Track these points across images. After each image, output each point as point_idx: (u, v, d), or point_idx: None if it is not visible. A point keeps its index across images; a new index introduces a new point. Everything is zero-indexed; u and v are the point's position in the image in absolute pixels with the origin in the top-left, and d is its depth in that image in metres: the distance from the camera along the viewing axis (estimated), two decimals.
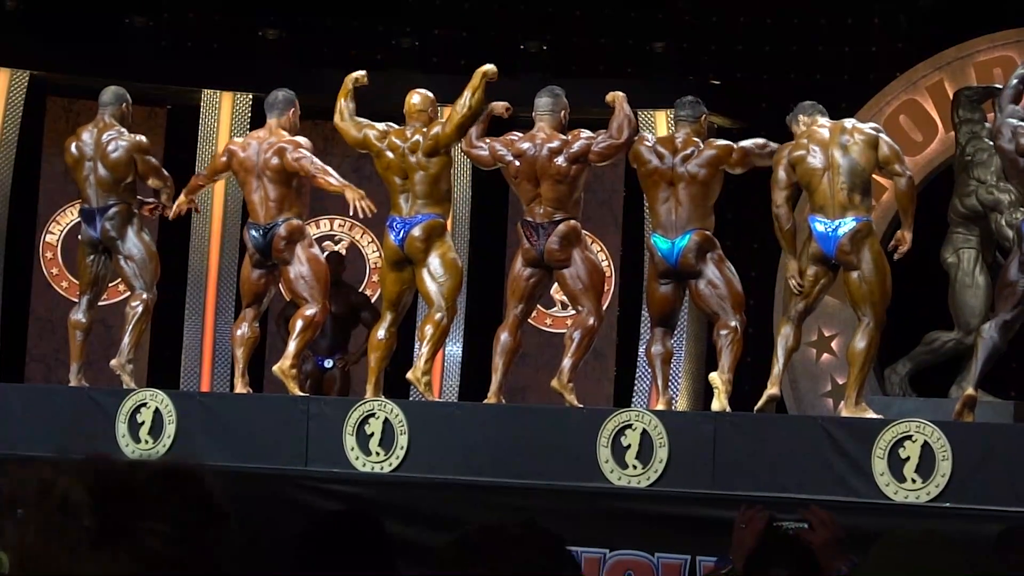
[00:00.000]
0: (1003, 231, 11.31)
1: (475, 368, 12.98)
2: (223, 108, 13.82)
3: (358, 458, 8.98)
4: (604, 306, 10.20)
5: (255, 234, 9.91)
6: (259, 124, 10.57)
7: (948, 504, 7.85)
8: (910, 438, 8.02)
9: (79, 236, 10.55)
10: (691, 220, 9.23)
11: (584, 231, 9.60)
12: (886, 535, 2.54)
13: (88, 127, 10.30)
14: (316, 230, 13.65)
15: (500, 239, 13.78)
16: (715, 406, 9.03)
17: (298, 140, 9.90)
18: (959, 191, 11.66)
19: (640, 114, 9.58)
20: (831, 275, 9.14)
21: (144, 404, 9.50)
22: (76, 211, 12.16)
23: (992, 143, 9.82)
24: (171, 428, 9.42)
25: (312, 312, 9.82)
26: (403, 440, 8.93)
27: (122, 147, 10.14)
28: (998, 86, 10.38)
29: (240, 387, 9.96)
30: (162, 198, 10.31)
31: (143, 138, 10.37)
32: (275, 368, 9.80)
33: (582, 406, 9.26)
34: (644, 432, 8.46)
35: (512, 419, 9.18)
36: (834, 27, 14.23)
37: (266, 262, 9.97)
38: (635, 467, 8.44)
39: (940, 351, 11.78)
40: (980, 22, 13.22)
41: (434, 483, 8.68)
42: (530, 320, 11.26)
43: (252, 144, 9.99)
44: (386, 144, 9.64)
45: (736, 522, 4.11)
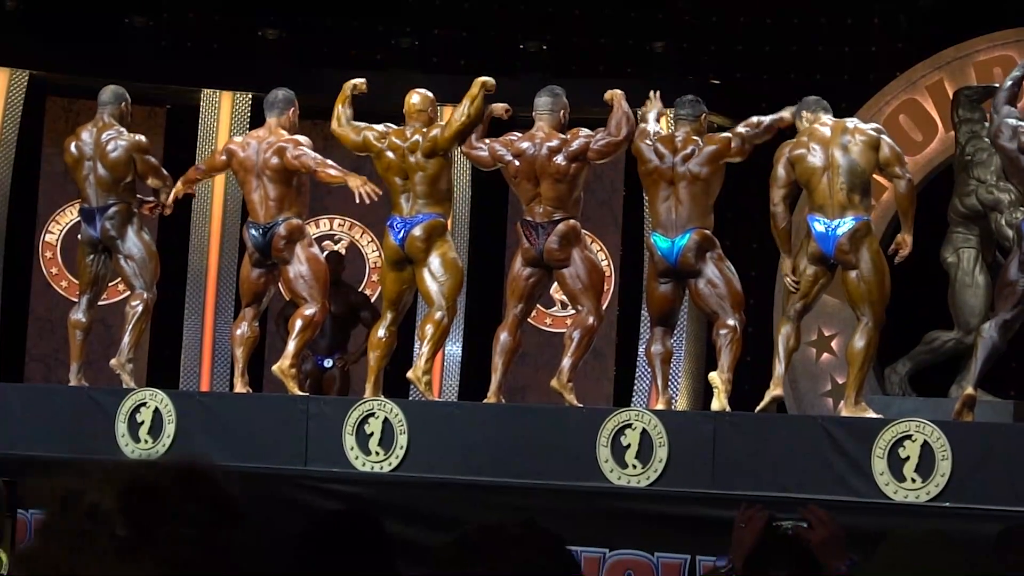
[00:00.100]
0: (1003, 231, 11.32)
1: (475, 368, 12.97)
2: (223, 108, 13.81)
3: (357, 458, 8.98)
4: (604, 306, 10.20)
5: (255, 233, 9.91)
6: (259, 124, 10.56)
7: (948, 504, 7.85)
8: (910, 438, 8.02)
9: (79, 236, 10.55)
10: (691, 219, 9.22)
11: (584, 231, 9.59)
12: (891, 535, 2.54)
13: (87, 127, 10.30)
14: (316, 230, 13.64)
15: (500, 239, 13.77)
16: (715, 406, 9.02)
17: (298, 139, 9.91)
18: (959, 191, 11.67)
19: (640, 113, 9.56)
20: (830, 275, 9.14)
21: (144, 404, 9.50)
22: (76, 211, 12.15)
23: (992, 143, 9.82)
24: (171, 428, 9.41)
25: (311, 312, 9.82)
26: (403, 440, 8.93)
27: (121, 147, 10.14)
28: (998, 85, 10.38)
29: (240, 387, 9.96)
30: (162, 197, 10.31)
31: (142, 138, 10.36)
32: (275, 368, 9.80)
33: (582, 406, 9.26)
34: (644, 432, 8.46)
35: (512, 419, 9.17)
36: (834, 27, 14.22)
37: (266, 261, 9.97)
38: (635, 467, 8.44)
39: (940, 351, 11.78)
40: (980, 22, 13.21)
41: (434, 483, 8.67)
42: (530, 320, 11.25)
43: (252, 144, 9.99)
44: (386, 144, 9.65)
45: (735, 521, 4.11)
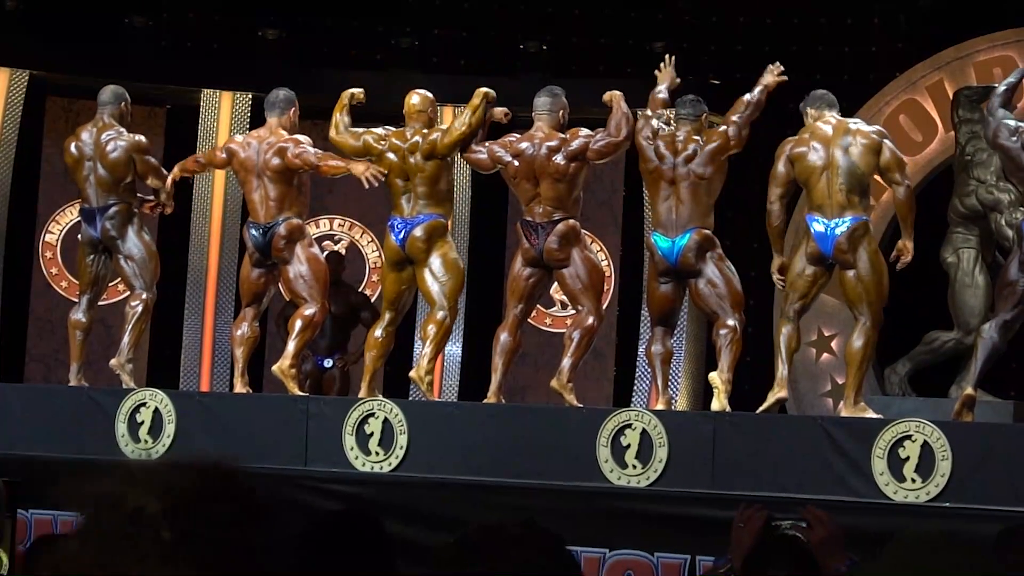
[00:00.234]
0: (1003, 231, 11.31)
1: (475, 368, 12.97)
2: (223, 108, 13.81)
3: (357, 458, 8.98)
4: (604, 306, 10.19)
5: (255, 233, 9.91)
6: (259, 124, 10.56)
7: (948, 504, 7.85)
8: (910, 438, 8.01)
9: (79, 236, 10.55)
10: (692, 219, 9.21)
11: (584, 231, 9.59)
12: (896, 536, 2.54)
13: (87, 127, 10.30)
14: (316, 230, 13.65)
15: (500, 239, 13.77)
16: (715, 406, 9.02)
17: (298, 138, 9.90)
18: (959, 191, 11.67)
19: (639, 114, 9.55)
20: (829, 275, 9.13)
21: (144, 404, 9.50)
22: (76, 211, 12.16)
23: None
24: (170, 428, 9.41)
25: (311, 312, 9.82)
26: (402, 440, 8.92)
27: (121, 147, 10.14)
28: (997, 85, 10.38)
29: (240, 387, 9.95)
30: (161, 197, 10.31)
31: (142, 138, 10.36)
32: (274, 368, 9.80)
33: (582, 406, 9.26)
34: (644, 432, 8.46)
35: (512, 419, 9.17)
36: (834, 27, 14.23)
37: (266, 261, 9.97)
38: (635, 467, 8.44)
39: (940, 351, 11.78)
40: (980, 22, 13.22)
41: (433, 483, 8.67)
42: (530, 320, 11.25)
43: (252, 143, 9.98)
44: (387, 146, 9.65)
45: (734, 521, 4.11)
